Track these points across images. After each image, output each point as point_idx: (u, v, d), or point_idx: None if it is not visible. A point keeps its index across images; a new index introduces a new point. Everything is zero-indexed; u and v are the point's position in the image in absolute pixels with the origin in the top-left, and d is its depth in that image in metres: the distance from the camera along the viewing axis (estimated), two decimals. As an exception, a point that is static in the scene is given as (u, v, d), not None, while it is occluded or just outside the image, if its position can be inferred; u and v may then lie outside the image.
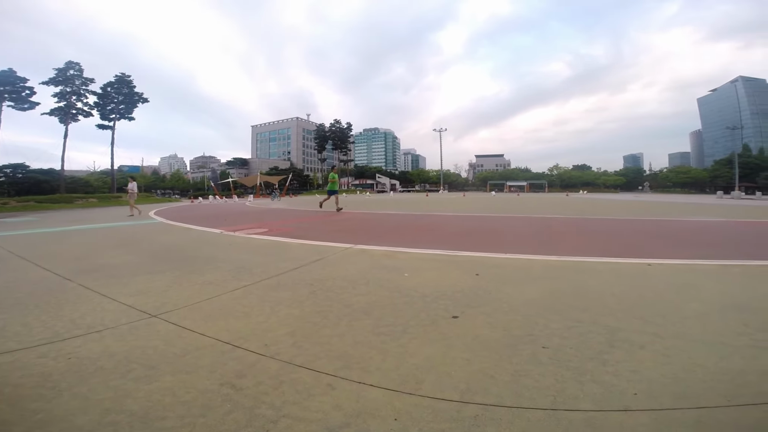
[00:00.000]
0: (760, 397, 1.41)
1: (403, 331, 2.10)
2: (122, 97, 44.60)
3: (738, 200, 30.63)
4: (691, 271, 3.53)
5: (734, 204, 21.48)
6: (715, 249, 5.06)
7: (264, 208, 17.84)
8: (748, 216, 11.21)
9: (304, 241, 5.62)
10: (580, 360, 1.74)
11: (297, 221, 9.66)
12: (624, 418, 1.30)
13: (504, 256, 4.24)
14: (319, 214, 12.15)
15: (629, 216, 10.93)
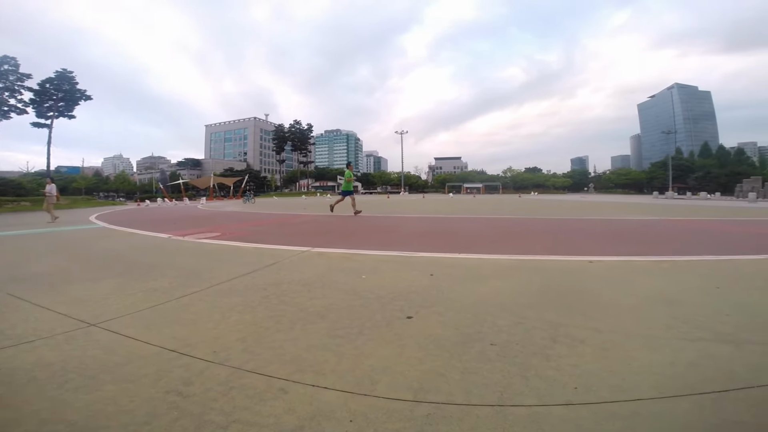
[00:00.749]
0: (687, 389, 1.50)
1: (359, 333, 2.11)
2: (62, 93, 41.47)
3: (671, 200, 33.39)
4: (627, 267, 3.78)
5: (667, 204, 23.42)
6: (648, 246, 5.47)
7: (217, 211, 17.18)
8: (679, 215, 12.27)
9: (260, 245, 5.47)
10: (525, 356, 1.80)
11: (253, 225, 9.38)
12: (566, 413, 1.35)
13: (458, 256, 4.35)
14: (276, 218, 11.88)
15: (575, 216, 11.59)
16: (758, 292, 2.88)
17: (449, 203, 23.94)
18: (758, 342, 1.93)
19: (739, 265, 3.91)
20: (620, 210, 15.10)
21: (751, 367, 1.67)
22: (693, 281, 3.21)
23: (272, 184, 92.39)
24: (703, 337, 2.01)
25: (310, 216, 12.17)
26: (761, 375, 1.59)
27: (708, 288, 2.97)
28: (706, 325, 2.17)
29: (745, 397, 1.42)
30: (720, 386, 1.50)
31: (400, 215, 12.18)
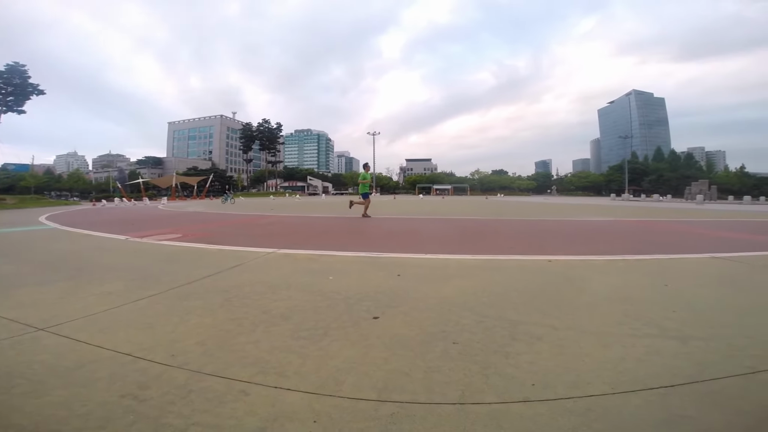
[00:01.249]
0: (637, 384, 1.55)
1: (324, 334, 2.09)
2: (12, 87, 38.82)
3: (626, 202, 35.24)
4: (584, 266, 3.96)
5: (623, 205, 24.70)
6: (604, 245, 5.74)
7: (180, 211, 16.55)
8: (633, 216, 12.95)
9: (223, 246, 5.31)
10: (486, 354, 1.84)
11: (217, 226, 9.11)
12: (524, 409, 1.37)
13: (424, 257, 4.41)
14: (242, 219, 11.59)
15: (537, 217, 12.01)
16: (702, 289, 3.07)
17: (419, 204, 24.23)
18: (701, 338, 2.03)
19: (685, 264, 4.18)
20: (579, 211, 15.79)
21: (695, 362, 1.75)
22: (644, 279, 3.39)
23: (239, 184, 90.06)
24: (651, 333, 2.10)
25: (277, 217, 11.93)
26: (704, 370, 1.66)
27: (657, 285, 3.14)
28: (654, 321, 2.28)
29: (690, 392, 1.48)
30: (666, 381, 1.56)
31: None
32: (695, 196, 40.26)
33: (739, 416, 1.31)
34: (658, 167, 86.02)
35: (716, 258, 4.49)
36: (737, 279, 3.43)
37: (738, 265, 4.07)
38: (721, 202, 37.98)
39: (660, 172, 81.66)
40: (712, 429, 1.24)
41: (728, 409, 1.35)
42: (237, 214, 13.40)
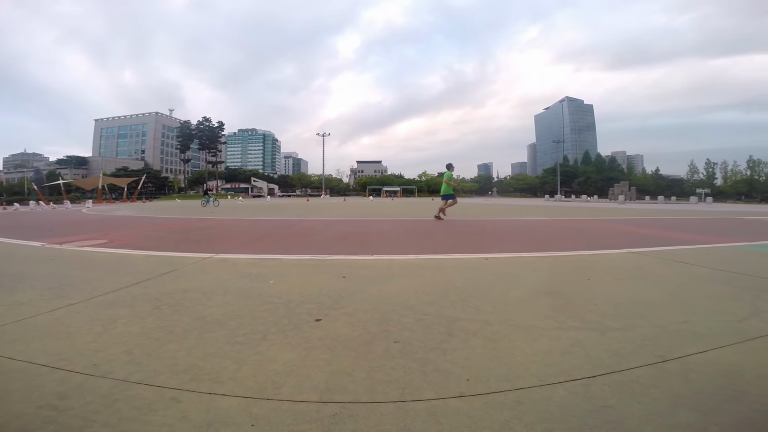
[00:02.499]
0: (562, 376, 1.62)
1: (263, 339, 2.04)
2: None
3: (558, 202, 37.94)
4: (517, 263, 4.20)
5: (555, 205, 26.56)
6: (536, 243, 6.13)
7: (107, 215, 15.25)
8: (563, 215, 13.97)
9: (154, 252, 4.97)
10: (425, 351, 1.88)
11: (149, 230, 8.52)
12: (460, 404, 1.41)
13: (370, 258, 4.45)
14: (177, 222, 10.93)
15: (478, 217, 12.59)
16: (619, 282, 3.36)
17: (368, 206, 24.27)
18: (619, 329, 2.19)
19: (606, 259, 4.58)
20: (516, 212, 16.77)
21: (613, 352, 1.88)
22: (570, 274, 3.66)
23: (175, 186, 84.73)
24: (575, 326, 2.25)
25: (216, 220, 11.39)
26: (621, 360, 1.78)
27: (581, 280, 3.40)
28: (577, 314, 2.44)
29: (610, 382, 1.58)
30: (588, 372, 1.66)
31: (318, 218, 11.98)
32: (617, 197, 44.53)
33: (654, 404, 1.40)
34: (586, 170, 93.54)
35: (632, 253, 4.97)
36: (649, 272, 3.79)
37: (650, 259, 4.52)
38: (639, 202, 42.26)
39: (588, 175, 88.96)
40: (630, 417, 1.32)
41: (644, 398, 1.44)
42: (172, 218, 12.61)
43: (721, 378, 1.59)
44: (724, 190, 75.04)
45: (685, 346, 1.91)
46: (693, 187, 69.01)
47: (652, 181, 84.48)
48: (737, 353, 1.84)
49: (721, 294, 2.94)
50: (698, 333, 2.10)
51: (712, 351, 1.86)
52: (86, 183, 53.10)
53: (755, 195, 70.81)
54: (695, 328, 2.17)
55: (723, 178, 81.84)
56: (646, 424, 1.27)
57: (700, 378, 1.59)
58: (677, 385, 1.53)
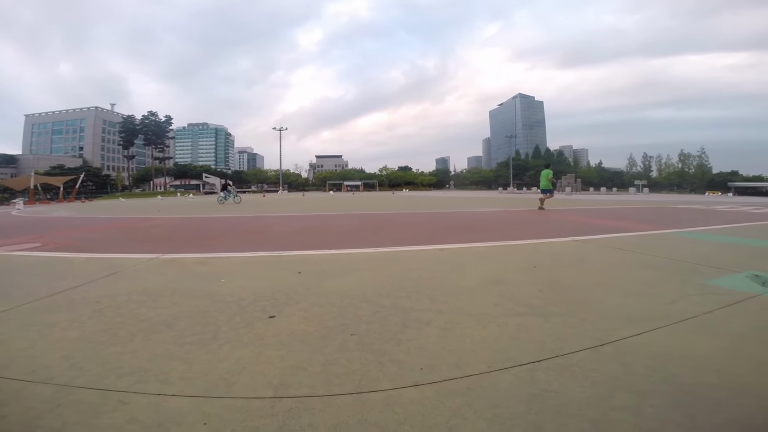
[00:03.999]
0: (509, 362, 1.68)
1: (213, 338, 1.99)
2: None
3: (511, 194, 39.56)
4: (470, 253, 4.34)
5: (508, 197, 27.68)
6: (489, 233, 6.37)
7: (40, 216, 14.01)
8: (515, 206, 14.64)
9: (94, 254, 4.64)
10: (381, 342, 1.91)
11: (88, 231, 7.95)
12: (414, 394, 1.45)
13: (328, 252, 4.41)
14: (121, 222, 10.27)
15: (436, 209, 12.84)
16: (564, 269, 3.55)
17: (328, 201, 24.01)
18: (561, 314, 2.31)
19: (552, 247, 4.84)
20: (472, 204, 17.27)
21: (556, 337, 1.97)
22: (518, 262, 3.82)
23: (118, 184, 79.30)
24: (521, 312, 2.35)
25: (164, 219, 10.78)
26: (563, 345, 1.88)
27: (528, 267, 3.56)
28: (524, 301, 2.55)
29: (553, 366, 1.65)
30: (534, 357, 1.73)
31: (274, 214, 11.69)
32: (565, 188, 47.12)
33: (594, 387, 1.48)
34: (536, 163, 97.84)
35: (576, 241, 5.29)
36: (590, 259, 4.05)
37: (592, 247, 4.83)
38: (584, 193, 45.09)
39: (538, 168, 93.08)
40: (572, 401, 1.39)
41: (584, 382, 1.52)
42: (115, 218, 11.83)
43: (653, 360, 1.70)
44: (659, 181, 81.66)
45: (621, 330, 2.04)
46: (632, 179, 74.67)
47: (596, 174, 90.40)
48: (667, 336, 1.98)
49: (653, 279, 3.17)
50: (633, 317, 2.25)
51: (645, 334, 1.99)
52: (16, 183, 48.32)
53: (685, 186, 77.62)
54: (630, 312, 2.33)
55: (658, 171, 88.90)
56: (587, 407, 1.34)
57: (635, 360, 1.69)
58: (614, 368, 1.62)
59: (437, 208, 13.62)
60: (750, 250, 4.76)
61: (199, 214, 12.36)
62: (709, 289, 2.83)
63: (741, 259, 4.05)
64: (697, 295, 2.65)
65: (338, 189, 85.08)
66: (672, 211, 12.43)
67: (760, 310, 2.35)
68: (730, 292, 2.74)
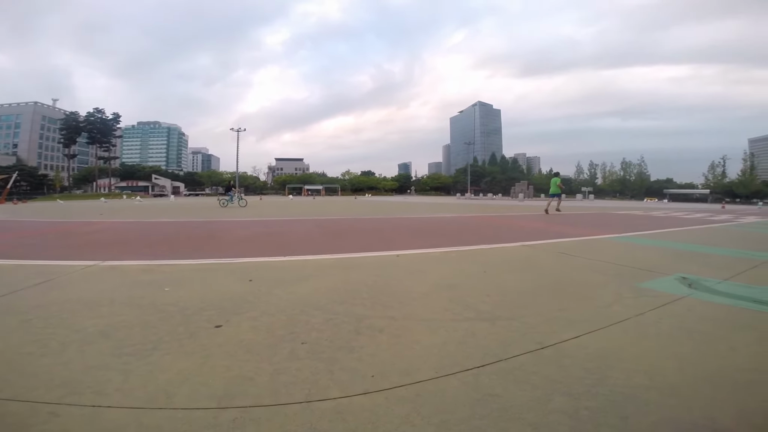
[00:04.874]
0: (456, 367, 1.70)
1: (154, 349, 1.90)
2: None
3: (468, 200, 40.74)
4: (425, 259, 4.41)
5: (465, 203, 28.49)
6: (445, 238, 6.53)
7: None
8: (471, 212, 15.03)
9: (24, 261, 4.26)
10: (332, 350, 1.89)
11: (18, 236, 7.31)
12: (365, 401, 1.45)
13: (282, 259, 4.32)
14: (57, 227, 9.52)
15: (397, 215, 12.96)
16: (511, 273, 3.69)
17: (286, 206, 23.46)
18: (506, 318, 2.39)
19: (502, 252, 5.03)
20: (430, 209, 17.61)
21: (501, 341, 2.03)
22: (470, 267, 3.93)
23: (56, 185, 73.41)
24: (469, 316, 2.41)
25: (107, 223, 10.07)
26: (507, 349, 1.93)
27: (478, 273, 3.67)
28: (472, 305, 2.62)
29: (497, 371, 1.69)
30: (479, 362, 1.77)
31: (227, 219, 11.24)
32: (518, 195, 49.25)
33: (533, 391, 1.53)
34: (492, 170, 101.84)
35: (525, 246, 5.53)
36: (537, 263, 4.25)
37: (539, 251, 5.06)
38: (536, 199, 47.29)
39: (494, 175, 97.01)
40: (514, 405, 1.43)
41: (525, 385, 1.57)
42: (51, 222, 10.93)
43: (589, 362, 1.78)
44: (603, 188, 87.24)
45: (561, 333, 2.13)
46: (579, 186, 79.42)
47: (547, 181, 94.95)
48: (603, 338, 2.09)
49: (593, 282, 3.37)
50: (572, 320, 2.37)
51: (583, 336, 2.09)
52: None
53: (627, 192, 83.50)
54: (570, 315, 2.45)
55: (602, 178, 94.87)
56: (527, 411, 1.38)
57: (573, 363, 1.77)
58: (553, 371, 1.69)
59: (397, 214, 13.75)
60: (679, 253, 5.21)
61: (145, 218, 11.70)
62: (641, 291, 3.03)
63: (671, 262, 4.41)
64: (631, 298, 2.84)
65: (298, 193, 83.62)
66: (613, 217, 13.35)
67: (686, 312, 2.55)
68: (660, 294, 2.96)
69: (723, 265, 4.29)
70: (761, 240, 7.31)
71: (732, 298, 2.91)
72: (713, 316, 2.47)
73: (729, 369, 1.73)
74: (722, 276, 3.64)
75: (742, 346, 1.99)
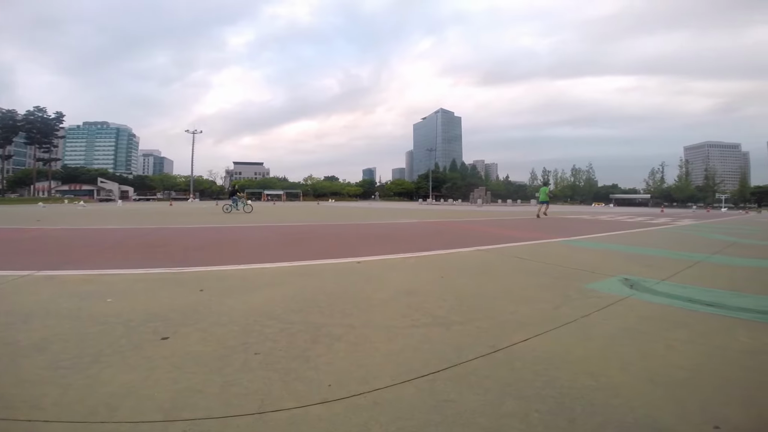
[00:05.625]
0: (412, 373, 1.71)
1: (94, 362, 1.81)
2: None
3: (430, 206, 41.42)
4: (385, 265, 4.43)
5: (427, 209, 28.96)
6: (405, 244, 6.57)
7: None
8: (432, 217, 15.29)
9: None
10: (288, 360, 1.86)
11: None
12: (322, 411, 1.43)
13: (236, 268, 4.17)
14: None
15: (360, 221, 12.93)
16: (466, 278, 3.77)
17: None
18: (461, 322, 2.43)
19: (459, 256, 5.15)
20: (393, 215, 17.76)
21: (455, 346, 2.06)
22: (427, 273, 3.99)
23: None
24: (426, 322, 2.43)
25: (44, 230, 9.30)
26: (461, 353, 1.96)
27: (435, 278, 3.73)
28: (429, 311, 2.65)
29: (452, 376, 1.72)
30: (434, 367, 1.79)
31: (178, 226, 10.66)
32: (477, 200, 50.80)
33: (486, 395, 1.55)
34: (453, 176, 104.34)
35: (480, 250, 5.70)
36: (491, 267, 4.37)
37: (494, 256, 5.23)
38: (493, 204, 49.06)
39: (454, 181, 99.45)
40: (467, 410, 1.45)
41: (478, 389, 1.60)
42: None
43: (538, 364, 1.84)
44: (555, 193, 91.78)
45: (512, 336, 2.20)
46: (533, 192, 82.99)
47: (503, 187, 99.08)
48: (551, 340, 2.17)
49: (543, 285, 3.51)
50: (523, 322, 2.45)
51: (533, 339, 2.17)
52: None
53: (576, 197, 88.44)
54: (521, 318, 2.54)
55: (555, 184, 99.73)
56: (480, 415, 1.41)
57: (523, 366, 1.82)
58: (505, 374, 1.73)
59: (360, 220, 13.72)
60: (622, 255, 5.57)
61: (89, 225, 10.94)
62: (587, 293, 3.20)
63: (615, 263, 4.71)
64: (577, 300, 2.99)
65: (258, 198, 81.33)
66: (563, 221, 14.08)
67: (628, 312, 2.70)
68: (604, 295, 3.14)
69: (661, 265, 4.63)
70: (695, 241, 7.98)
71: (669, 297, 3.12)
72: (652, 316, 2.64)
73: (667, 367, 1.84)
74: (660, 276, 3.92)
75: (678, 345, 2.13)
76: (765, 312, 2.76)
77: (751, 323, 2.52)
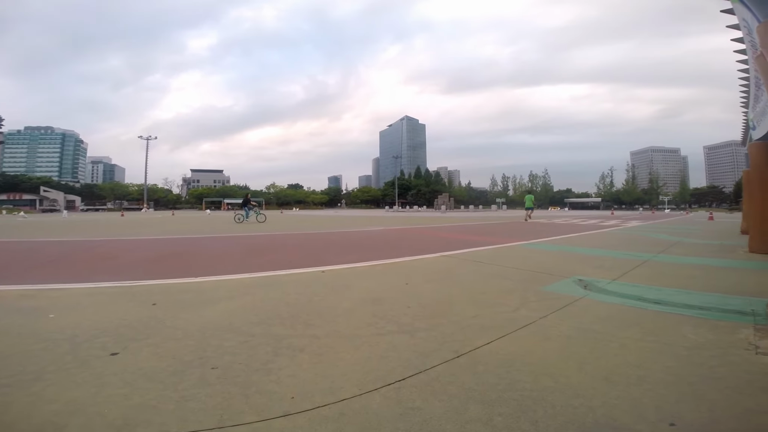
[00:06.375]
0: (378, 382, 1.70)
1: (36, 379, 1.73)
2: None
3: (396, 213, 41.69)
4: (350, 273, 4.39)
5: (393, 216, 29.08)
6: (370, 252, 6.54)
7: None
8: (398, 224, 15.38)
9: None
10: (248, 374, 1.81)
11: None
12: (284, 424, 1.39)
13: (193, 281, 4.01)
14: None
15: (325, 229, 12.78)
16: (432, 284, 3.82)
17: (201, 221, 21.68)
18: (425, 329, 2.45)
19: (424, 263, 5.20)
20: (359, 222, 17.72)
21: (420, 353, 2.07)
22: (393, 280, 4.00)
23: None
24: (391, 330, 2.43)
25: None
26: (426, 360, 1.97)
27: (401, 285, 3.74)
28: (394, 319, 2.65)
29: (417, 383, 1.72)
30: (400, 375, 1.79)
31: (128, 238, 9.98)
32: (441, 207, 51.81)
33: (450, 401, 1.57)
34: (418, 183, 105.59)
35: (444, 256, 5.80)
36: (454, 273, 4.45)
37: (457, 261, 5.33)
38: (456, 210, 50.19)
39: (419, 188, 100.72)
40: (433, 417, 1.45)
41: (443, 396, 1.61)
42: None
43: (500, 368, 1.87)
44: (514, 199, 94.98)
45: (475, 340, 2.24)
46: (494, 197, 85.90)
47: (465, 193, 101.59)
48: (511, 342, 2.22)
49: (503, 288, 3.60)
50: (485, 326, 2.50)
51: (494, 342, 2.21)
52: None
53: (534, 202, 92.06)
54: (483, 322, 2.59)
55: (513, 189, 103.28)
56: (446, 421, 1.41)
57: (486, 369, 1.85)
58: (468, 379, 1.75)
59: (325, 228, 13.56)
60: (577, 256, 5.85)
61: (31, 237, 10.15)
62: (544, 295, 3.32)
63: (570, 265, 4.93)
64: (535, 302, 3.09)
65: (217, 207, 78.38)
66: (521, 225, 14.62)
67: (582, 312, 2.82)
68: (561, 296, 3.26)
69: (612, 266, 4.89)
70: (642, 242, 8.50)
71: (620, 297, 3.28)
72: (606, 316, 2.75)
73: (622, 366, 1.91)
74: (612, 276, 4.14)
75: (630, 343, 2.22)
76: (708, 308, 2.95)
77: (695, 320, 2.68)
